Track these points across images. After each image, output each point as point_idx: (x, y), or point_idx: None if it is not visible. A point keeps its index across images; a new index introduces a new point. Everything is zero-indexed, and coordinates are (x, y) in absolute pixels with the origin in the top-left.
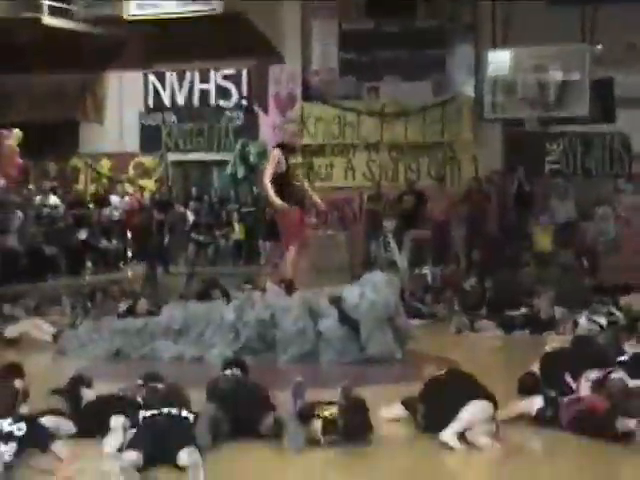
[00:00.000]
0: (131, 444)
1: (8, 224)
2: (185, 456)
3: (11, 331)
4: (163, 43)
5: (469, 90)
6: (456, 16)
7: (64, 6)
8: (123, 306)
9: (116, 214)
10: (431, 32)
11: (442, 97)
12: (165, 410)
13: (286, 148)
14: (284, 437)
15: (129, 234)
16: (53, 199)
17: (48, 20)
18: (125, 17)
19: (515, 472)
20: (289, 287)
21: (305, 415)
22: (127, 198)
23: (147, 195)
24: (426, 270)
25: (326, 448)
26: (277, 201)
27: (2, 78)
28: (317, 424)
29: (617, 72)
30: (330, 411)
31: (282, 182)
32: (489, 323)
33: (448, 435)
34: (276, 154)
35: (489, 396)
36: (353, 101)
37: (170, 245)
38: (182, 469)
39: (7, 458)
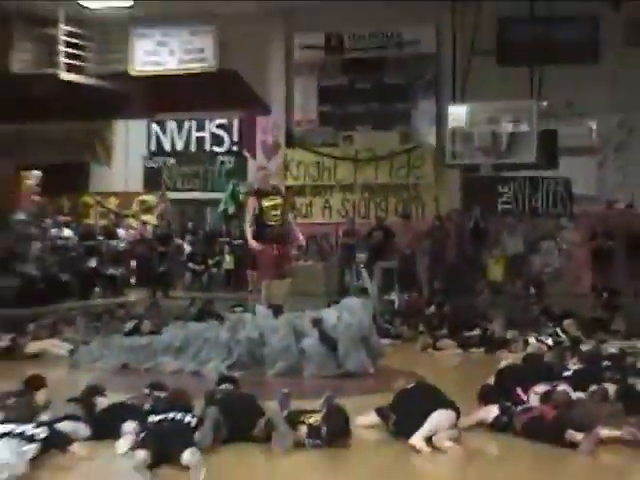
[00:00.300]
0: (141, 445)
1: (27, 253)
2: (188, 456)
3: (32, 347)
4: (164, 96)
5: (431, 139)
6: (420, 75)
7: (78, 63)
8: (129, 326)
9: (122, 245)
10: (398, 88)
11: (407, 145)
12: (170, 415)
13: (259, 194)
14: (273, 440)
15: (133, 263)
16: (67, 232)
17: (65, 75)
18: (131, 73)
19: (475, 472)
20: (277, 310)
21: (291, 422)
22: (132, 231)
23: (149, 229)
24: (393, 296)
25: (310, 451)
26: (252, 243)
27: (24, 126)
28: (302, 429)
29: (560, 125)
30: (314, 418)
31: (257, 224)
32: (450, 342)
33: (416, 440)
34: (251, 202)
35: (452, 405)
36: (330, 148)
37: (169, 273)
38: (185, 468)
39: (30, 455)
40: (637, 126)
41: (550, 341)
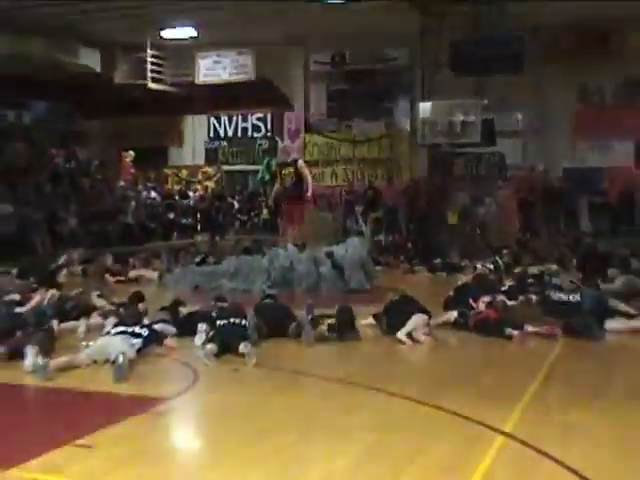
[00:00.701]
0: (210, 340)
1: (127, 209)
2: (242, 347)
3: (132, 274)
4: (219, 98)
5: (407, 127)
6: (399, 81)
7: (160, 76)
8: (198, 259)
9: (191, 203)
10: (384, 91)
11: (391, 131)
12: (231, 320)
13: (281, 165)
14: (302, 336)
15: (199, 215)
16: (153, 194)
17: (150, 85)
18: (196, 82)
19: (442, 356)
20: (302, 246)
21: (315, 323)
22: (197, 193)
23: (209, 191)
24: (381, 237)
25: (328, 343)
26: (269, 202)
27: (123, 121)
28: (323, 328)
29: (496, 116)
30: (331, 320)
31: (281, 186)
32: (422, 268)
33: (401, 335)
34: (277, 172)
35: (425, 310)
36: (336, 133)
37: (224, 222)
38: (241, 355)
39: (137, 347)
40: (549, 117)
41: (491, 266)
